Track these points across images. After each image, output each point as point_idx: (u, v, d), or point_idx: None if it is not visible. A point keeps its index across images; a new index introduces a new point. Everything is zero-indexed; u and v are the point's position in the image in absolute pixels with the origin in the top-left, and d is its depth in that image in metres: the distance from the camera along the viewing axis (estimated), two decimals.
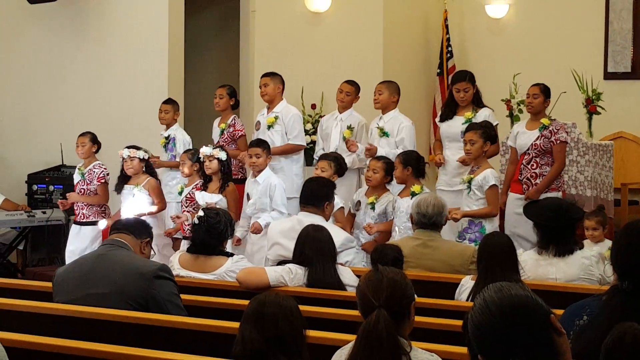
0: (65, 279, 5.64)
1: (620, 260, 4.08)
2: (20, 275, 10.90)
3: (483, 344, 2.82)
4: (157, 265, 5.56)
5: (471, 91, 9.23)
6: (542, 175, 8.93)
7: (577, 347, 3.66)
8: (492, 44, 13.74)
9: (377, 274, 3.87)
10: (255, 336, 3.86)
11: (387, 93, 9.54)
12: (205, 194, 8.85)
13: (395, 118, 9.52)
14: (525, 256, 6.48)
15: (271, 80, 9.84)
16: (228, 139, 10.12)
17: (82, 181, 9.68)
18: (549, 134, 8.93)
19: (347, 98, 9.88)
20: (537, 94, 9.09)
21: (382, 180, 8.68)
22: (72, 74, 11.88)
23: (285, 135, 9.78)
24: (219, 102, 10.23)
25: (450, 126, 9.32)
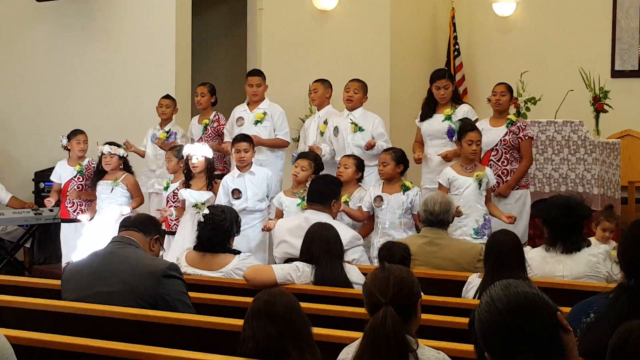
0: (75, 276, 5.64)
1: (626, 258, 4.09)
2: (27, 273, 10.92)
3: (490, 341, 2.82)
4: (167, 264, 5.56)
5: (450, 88, 9.34)
6: (512, 172, 9.02)
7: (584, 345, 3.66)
8: (500, 42, 13.72)
9: (384, 272, 3.87)
10: (269, 330, 3.88)
11: (361, 93, 9.64)
12: (194, 191, 8.84)
13: (365, 113, 9.63)
14: (533, 253, 6.48)
15: (262, 80, 9.94)
16: (212, 134, 10.26)
17: (79, 177, 9.82)
18: (517, 129, 9.00)
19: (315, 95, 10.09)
20: (505, 92, 9.21)
21: (353, 175, 8.77)
22: (80, 72, 11.89)
23: (272, 132, 9.86)
24: (201, 100, 10.39)
25: (431, 124, 9.38)
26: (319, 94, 10.01)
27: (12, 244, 11.30)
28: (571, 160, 10.06)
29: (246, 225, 8.80)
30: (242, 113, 9.99)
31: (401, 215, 8.44)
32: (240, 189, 8.88)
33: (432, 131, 9.34)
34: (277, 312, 3.90)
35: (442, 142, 9.19)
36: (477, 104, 11.19)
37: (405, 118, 11.54)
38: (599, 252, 6.35)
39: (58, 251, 11.11)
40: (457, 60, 13.41)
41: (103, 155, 9.56)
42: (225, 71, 14.01)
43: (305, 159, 8.79)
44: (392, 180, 8.55)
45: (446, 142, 9.11)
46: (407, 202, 8.47)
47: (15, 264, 11.19)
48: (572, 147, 10.14)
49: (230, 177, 8.99)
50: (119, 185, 9.54)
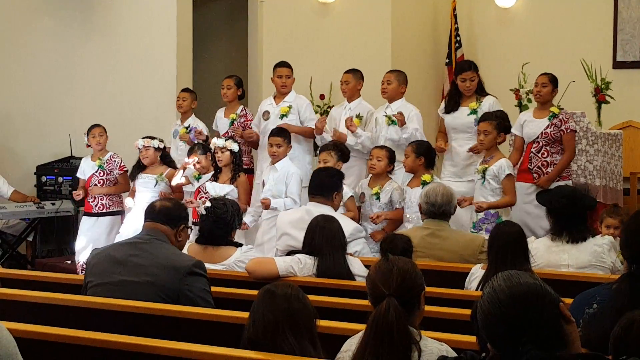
0: (100, 262, 5.64)
1: (629, 244, 4.10)
2: (29, 267, 10.92)
3: (492, 332, 2.83)
4: (192, 261, 5.55)
5: (476, 80, 9.24)
6: (552, 164, 8.93)
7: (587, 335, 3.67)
8: (501, 33, 13.71)
9: (388, 263, 3.88)
10: (267, 316, 3.90)
11: (396, 83, 9.51)
12: (217, 184, 8.86)
13: (403, 106, 9.47)
14: (537, 243, 6.49)
15: (291, 72, 9.87)
16: (240, 128, 10.10)
17: (100, 172, 9.76)
18: (559, 122, 8.93)
19: (347, 87, 9.87)
20: (546, 83, 9.09)
21: (385, 168, 8.68)
22: (81, 65, 11.88)
23: (299, 125, 9.75)
24: (227, 92, 10.23)
25: (455, 118, 9.32)
26: (350, 85, 9.83)
27: (14, 237, 11.30)
28: None
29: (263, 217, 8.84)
30: (269, 107, 9.93)
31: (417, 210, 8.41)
32: (265, 181, 8.94)
33: (457, 124, 9.29)
34: (276, 301, 3.93)
35: (467, 136, 9.12)
36: None
37: None
38: (604, 242, 6.37)
39: (61, 244, 11.15)
40: (458, 52, 13.39)
41: (140, 150, 9.54)
42: (226, 64, 13.99)
43: (324, 151, 8.78)
44: (415, 173, 8.52)
45: (470, 136, 9.03)
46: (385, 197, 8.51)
47: (18, 257, 11.19)
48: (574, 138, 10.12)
49: (267, 168, 9.09)
50: (164, 180, 9.51)
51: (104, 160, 9.79)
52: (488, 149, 8.33)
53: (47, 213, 10.93)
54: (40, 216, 11.01)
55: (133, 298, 5.29)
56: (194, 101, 10.37)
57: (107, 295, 5.40)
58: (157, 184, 9.48)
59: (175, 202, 6.12)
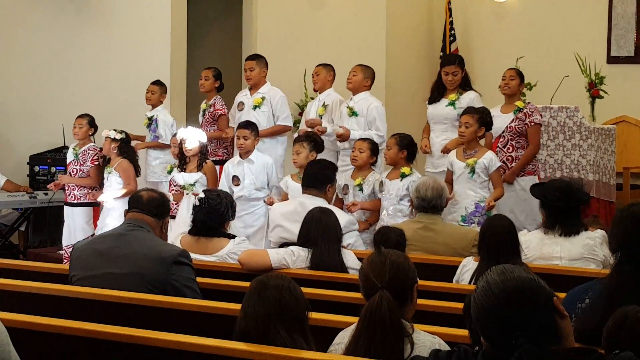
0: (84, 255, 5.64)
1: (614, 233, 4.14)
2: (21, 257, 10.91)
3: (486, 326, 2.82)
4: (177, 250, 5.57)
5: (460, 75, 9.31)
6: (517, 159, 9.04)
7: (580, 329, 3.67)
8: (496, 27, 13.72)
9: (380, 256, 3.88)
10: (258, 309, 3.89)
11: (361, 75, 9.58)
12: (185, 174, 8.86)
13: (365, 99, 9.55)
14: (530, 236, 6.49)
15: (257, 64, 9.94)
16: (210, 118, 10.24)
17: (75, 161, 9.79)
18: (524, 116, 9.02)
19: (317, 79, 10.07)
20: (514, 76, 9.23)
21: (367, 159, 8.65)
22: (74, 56, 11.85)
23: (271, 117, 9.86)
24: (204, 83, 10.35)
25: (435, 108, 9.43)
26: (320, 77, 10.01)
27: (6, 227, 11.29)
28: (566, 146, 10.06)
29: (244, 212, 8.82)
30: (243, 98, 10.02)
31: (397, 202, 8.41)
32: (239, 176, 8.88)
33: (435, 115, 9.38)
34: (268, 293, 3.92)
35: (442, 127, 9.24)
36: None
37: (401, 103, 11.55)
38: (596, 235, 6.36)
39: (53, 234, 11.13)
40: (452, 46, 13.40)
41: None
42: (220, 56, 13.95)
43: (297, 142, 8.77)
44: (396, 165, 8.51)
45: (446, 128, 9.14)
46: (403, 189, 8.45)
47: (10, 247, 11.18)
48: (568, 133, 10.14)
49: (232, 163, 9.02)
50: (111, 172, 9.49)
51: (79, 150, 9.80)
52: (468, 141, 8.35)
53: (39, 203, 10.92)
54: (33, 206, 11.00)
55: (118, 290, 5.28)
56: (162, 94, 10.41)
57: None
58: (107, 178, 9.49)
59: (162, 194, 6.13)
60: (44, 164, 11.43)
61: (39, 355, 4.35)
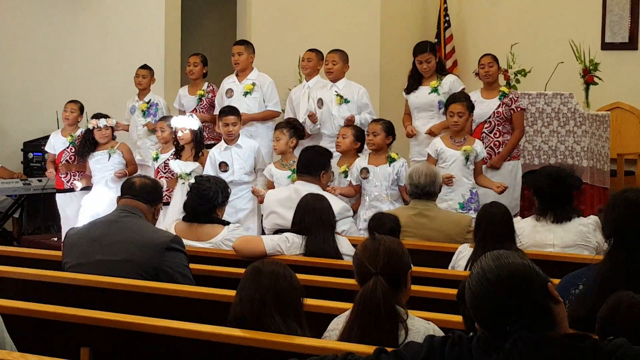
0: (77, 242, 5.64)
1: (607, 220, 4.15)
2: (16, 243, 10.90)
3: (480, 312, 2.83)
4: (170, 236, 5.57)
5: (433, 61, 9.30)
6: (504, 144, 9.11)
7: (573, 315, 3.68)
8: (490, 13, 13.68)
9: (374, 242, 3.88)
10: (253, 294, 3.90)
11: (341, 63, 9.56)
12: (181, 162, 8.86)
13: (349, 85, 9.55)
14: (523, 223, 6.50)
15: (245, 49, 9.92)
16: (207, 105, 10.23)
17: (71, 148, 9.76)
18: (510, 101, 9.11)
19: (309, 64, 9.98)
20: (492, 63, 9.32)
21: (351, 145, 8.67)
22: (68, 43, 11.83)
23: (262, 102, 9.85)
24: (194, 70, 10.33)
25: (417, 97, 9.38)
26: (312, 63, 9.92)
27: (0, 214, 11.28)
28: (561, 132, 10.06)
29: (234, 196, 8.80)
30: (231, 84, 9.96)
31: (387, 187, 8.42)
32: (227, 161, 8.87)
33: (419, 103, 9.35)
34: (263, 279, 3.93)
35: (429, 115, 9.23)
36: (467, 76, 11.21)
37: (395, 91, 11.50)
38: (589, 222, 6.37)
39: (47, 221, 11.13)
40: (447, 32, 13.38)
41: (97, 129, 9.52)
42: (215, 42, 13.95)
43: (277, 129, 8.79)
44: (380, 151, 8.51)
45: (433, 115, 9.15)
46: (393, 174, 8.43)
47: (4, 234, 11.18)
48: (562, 120, 10.14)
49: (217, 149, 8.97)
50: (115, 152, 9.55)
51: (75, 136, 9.78)
52: (460, 129, 8.40)
53: (33, 190, 10.91)
54: (27, 193, 10.99)
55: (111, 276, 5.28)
56: (152, 78, 10.38)
57: None
58: (110, 157, 9.52)
59: (155, 180, 6.16)
60: (38, 150, 11.42)
61: (34, 342, 4.35)
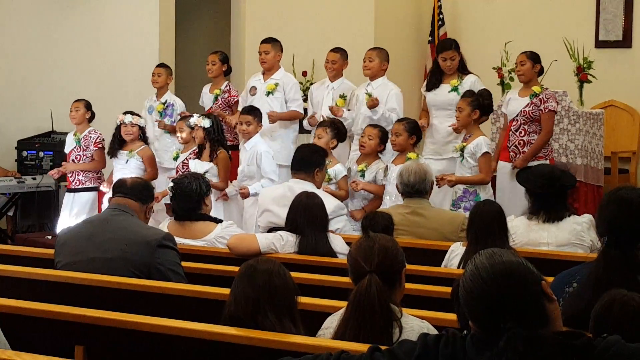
0: (69, 241, 5.65)
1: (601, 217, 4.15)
2: (9, 242, 10.88)
3: (474, 310, 2.83)
4: (162, 234, 5.58)
5: (457, 59, 9.27)
6: (529, 143, 8.92)
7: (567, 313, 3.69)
8: (484, 11, 13.69)
9: (369, 241, 3.89)
10: (247, 292, 3.90)
11: (377, 60, 9.50)
12: (198, 162, 8.84)
13: (384, 85, 9.49)
14: (517, 221, 6.48)
15: (272, 48, 9.85)
16: (223, 104, 10.13)
17: (77, 147, 9.72)
18: (539, 102, 8.93)
19: (334, 66, 9.87)
20: (524, 61, 9.11)
21: (376, 147, 8.67)
22: (63, 40, 11.82)
23: (284, 103, 9.79)
24: (212, 68, 10.22)
25: (437, 95, 9.35)
26: (337, 65, 9.84)
27: None
28: (555, 130, 10.06)
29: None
30: (256, 82, 9.93)
31: None
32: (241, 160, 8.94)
33: (438, 102, 9.31)
34: (257, 277, 3.94)
35: (447, 113, 9.13)
36: None
37: None
38: (583, 220, 6.36)
39: (42, 220, 11.11)
40: (441, 30, 13.37)
41: (123, 125, 9.49)
42: (209, 39, 13.95)
43: (321, 127, 8.82)
44: (404, 151, 8.50)
45: (451, 114, 9.00)
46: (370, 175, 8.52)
47: None
48: (556, 118, 10.14)
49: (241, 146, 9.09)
50: (134, 157, 9.46)
51: (81, 136, 9.75)
52: (464, 125, 8.39)
53: (27, 188, 10.89)
54: (21, 191, 10.97)
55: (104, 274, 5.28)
56: (169, 76, 10.33)
57: None
58: (128, 161, 9.47)
59: (146, 180, 6.18)
60: (32, 148, 11.40)
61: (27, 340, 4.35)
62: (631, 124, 12.35)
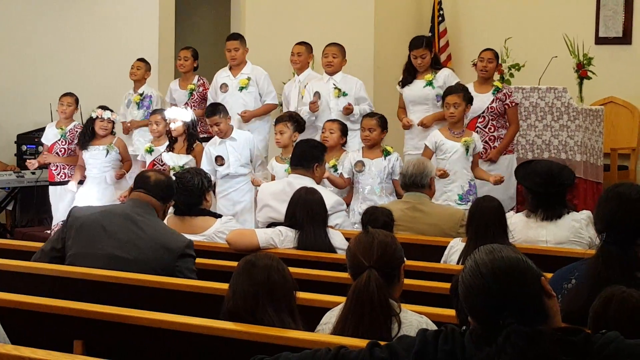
0: (88, 228, 5.53)
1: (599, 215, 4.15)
2: (9, 236, 10.89)
3: (473, 306, 2.83)
4: (185, 242, 5.53)
5: (428, 57, 9.33)
6: (499, 138, 9.20)
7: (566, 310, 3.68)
8: (484, 7, 13.67)
9: (368, 236, 3.89)
10: (246, 288, 3.91)
11: (341, 57, 9.59)
12: (174, 155, 8.87)
13: (346, 77, 9.58)
14: (515, 219, 6.48)
15: (240, 44, 9.95)
16: (198, 98, 10.26)
17: (62, 141, 9.78)
18: (504, 96, 9.17)
19: (300, 59, 9.96)
20: (492, 59, 9.39)
21: (338, 140, 8.79)
22: (61, 35, 11.81)
23: (258, 97, 9.89)
24: (184, 64, 10.37)
25: (412, 90, 9.43)
26: (302, 57, 9.93)
27: None
28: (554, 126, 10.07)
29: (231, 189, 8.83)
30: (226, 79, 9.94)
31: (382, 181, 8.45)
32: (222, 155, 8.87)
33: (414, 97, 9.37)
34: (256, 273, 3.94)
35: (423, 108, 9.25)
36: (461, 70, 11.23)
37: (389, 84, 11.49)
38: (581, 217, 6.35)
39: (41, 214, 11.11)
40: (441, 26, 13.36)
41: (99, 119, 9.49)
42: (208, 35, 13.94)
43: (280, 122, 8.78)
44: (375, 146, 8.55)
45: (427, 108, 9.17)
46: (389, 167, 8.46)
47: None
48: (556, 114, 10.15)
49: (213, 144, 8.96)
50: (113, 149, 9.51)
51: (66, 129, 9.79)
52: (459, 120, 8.43)
53: (27, 182, 10.90)
54: (20, 185, 10.98)
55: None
56: (147, 72, 10.46)
57: (90, 266, 5.36)
58: (108, 154, 9.49)
59: (169, 177, 6.10)
60: (32, 143, 11.41)
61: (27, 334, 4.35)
62: (631, 120, 12.35)
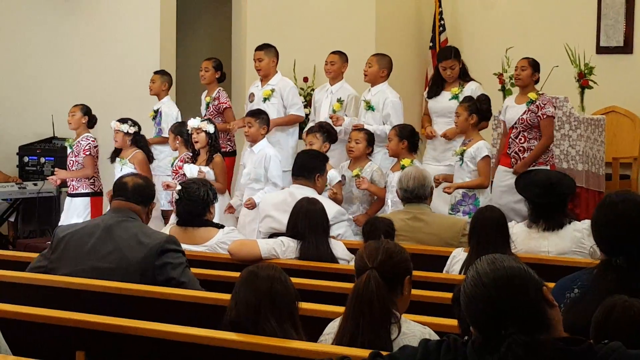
0: (71, 245, 5.58)
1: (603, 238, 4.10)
2: (11, 247, 10.89)
3: (475, 315, 2.83)
4: (164, 237, 5.55)
5: (457, 67, 9.28)
6: (529, 150, 8.90)
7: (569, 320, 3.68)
8: (485, 17, 13.68)
9: (377, 242, 3.94)
10: (248, 298, 3.91)
11: (376, 67, 9.49)
12: (193, 166, 8.83)
13: (382, 92, 9.47)
14: (517, 229, 6.47)
15: (265, 54, 9.82)
16: (214, 112, 10.13)
17: (70, 153, 9.73)
18: (536, 108, 8.92)
19: (333, 68, 9.83)
20: (525, 67, 9.08)
21: (364, 150, 8.71)
22: (64, 46, 11.82)
23: (281, 109, 9.76)
24: (205, 75, 10.25)
25: (437, 102, 9.39)
26: (335, 66, 9.81)
27: None
28: (556, 136, 10.05)
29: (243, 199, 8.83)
30: (254, 89, 9.95)
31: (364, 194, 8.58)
32: (245, 163, 8.91)
33: (438, 108, 9.34)
34: (258, 283, 3.95)
35: (447, 120, 9.14)
36: None
37: None
38: (583, 227, 6.33)
39: (42, 225, 11.11)
40: (442, 36, 13.36)
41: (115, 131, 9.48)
42: (210, 45, 13.95)
43: (310, 133, 8.79)
44: (398, 156, 8.52)
45: (450, 121, 9.01)
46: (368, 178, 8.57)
47: None
48: (557, 123, 10.14)
49: (245, 150, 9.09)
50: (126, 164, 9.41)
51: (72, 141, 9.74)
52: (462, 130, 8.41)
53: (29, 193, 10.90)
54: (22, 196, 10.98)
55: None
56: (164, 83, 10.33)
57: None
58: (122, 169, 9.44)
59: (146, 179, 6.11)
60: (33, 154, 11.41)
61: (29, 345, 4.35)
62: (632, 129, 12.35)
